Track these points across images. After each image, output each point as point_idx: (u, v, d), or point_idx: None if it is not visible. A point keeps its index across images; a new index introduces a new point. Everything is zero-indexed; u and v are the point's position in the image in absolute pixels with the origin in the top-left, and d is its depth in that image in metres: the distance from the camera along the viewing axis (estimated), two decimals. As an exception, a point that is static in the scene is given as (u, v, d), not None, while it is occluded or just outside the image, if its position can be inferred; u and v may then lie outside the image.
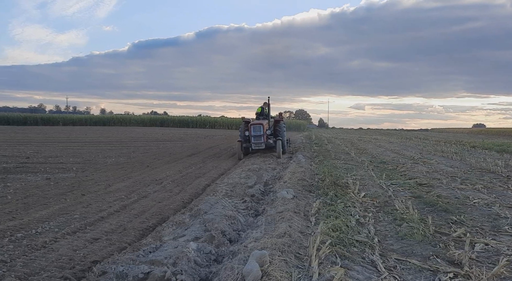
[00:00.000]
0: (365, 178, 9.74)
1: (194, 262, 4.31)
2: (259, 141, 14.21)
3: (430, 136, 39.23)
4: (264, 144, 14.31)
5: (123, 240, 4.99)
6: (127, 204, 6.88)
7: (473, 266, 4.03)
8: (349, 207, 6.57)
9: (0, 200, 6.95)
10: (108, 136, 27.89)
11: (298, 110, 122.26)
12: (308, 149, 17.90)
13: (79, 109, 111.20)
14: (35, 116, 57.63)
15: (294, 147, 19.27)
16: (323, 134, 42.61)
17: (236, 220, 6.13)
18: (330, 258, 4.28)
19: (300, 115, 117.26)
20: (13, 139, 23.19)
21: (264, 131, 14.26)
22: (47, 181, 9.14)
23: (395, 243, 4.94)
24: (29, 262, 4.07)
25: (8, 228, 5.23)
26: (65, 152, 15.70)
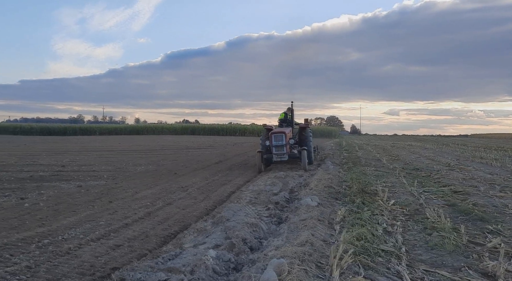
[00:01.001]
0: (395, 185, 9.38)
1: (212, 270, 4.25)
2: (281, 151, 12.56)
3: (469, 142, 37.53)
4: (287, 155, 12.64)
5: (144, 247, 5.01)
6: (152, 211, 6.95)
7: (508, 279, 3.72)
8: (376, 215, 6.32)
9: (33, 207, 7.21)
10: (140, 145, 28.63)
11: (330, 116, 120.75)
12: (338, 156, 17.55)
13: (115, 119, 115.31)
14: (74, 127, 60.24)
15: (323, 154, 18.95)
16: (355, 140, 41.77)
17: (258, 227, 6.02)
18: (352, 268, 4.10)
19: (331, 121, 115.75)
20: (52, 148, 24.25)
21: (286, 140, 12.59)
22: (79, 188, 9.42)
23: (424, 253, 4.67)
24: (52, 268, 4.14)
25: (36, 234, 5.38)
26: (98, 161, 16.20)
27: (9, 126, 62.59)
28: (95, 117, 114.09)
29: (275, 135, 12.56)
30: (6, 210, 6.94)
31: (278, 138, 12.50)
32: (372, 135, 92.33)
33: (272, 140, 12.55)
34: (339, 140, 41.15)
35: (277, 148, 12.53)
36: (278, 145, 12.51)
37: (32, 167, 13.80)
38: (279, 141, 12.49)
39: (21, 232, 5.48)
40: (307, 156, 12.79)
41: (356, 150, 22.00)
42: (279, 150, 12.52)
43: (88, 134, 55.45)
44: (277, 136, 12.53)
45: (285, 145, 12.53)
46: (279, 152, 12.53)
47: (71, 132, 56.71)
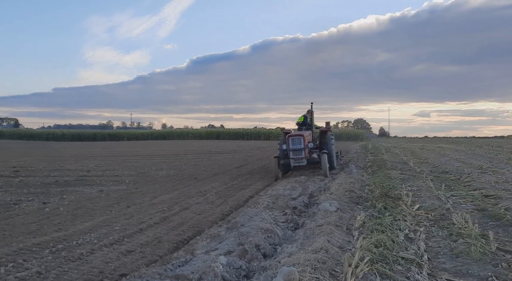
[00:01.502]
0: (421, 189, 8.96)
1: (221, 277, 4.11)
2: (299, 156, 11.58)
3: (505, 144, 35.80)
4: (305, 160, 11.67)
5: (156, 253, 4.93)
6: (167, 216, 6.89)
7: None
8: (398, 220, 6.01)
9: (53, 211, 7.32)
10: (165, 150, 28.99)
11: (357, 119, 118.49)
12: (362, 159, 17.08)
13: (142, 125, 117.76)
14: (103, 132, 61.96)
15: (348, 157, 18.50)
16: (383, 143, 40.75)
17: (273, 233, 5.84)
18: (368, 277, 3.88)
19: (358, 124, 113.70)
20: (80, 154, 24.92)
21: (305, 144, 11.64)
22: (99, 193, 9.54)
23: (448, 262, 4.37)
24: (62, 274, 4.12)
25: (52, 239, 5.42)
26: (122, 166, 16.46)
27: (43, 132, 65.08)
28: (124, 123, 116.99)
29: (293, 138, 11.69)
30: (28, 214, 7.07)
31: (296, 142, 11.63)
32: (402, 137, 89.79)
33: (290, 143, 11.66)
34: (365, 143, 40.22)
35: (295, 152, 11.62)
36: (296, 149, 11.59)
37: (59, 172, 14.16)
38: (297, 144, 11.59)
39: (38, 236, 5.54)
40: (328, 160, 11.79)
41: (382, 153, 21.35)
42: (296, 154, 11.61)
43: (117, 140, 56.83)
44: (295, 139, 11.67)
45: (304, 149, 11.60)
46: (297, 156, 11.62)
47: (100, 138, 58.32)
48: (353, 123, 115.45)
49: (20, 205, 7.90)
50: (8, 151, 27.90)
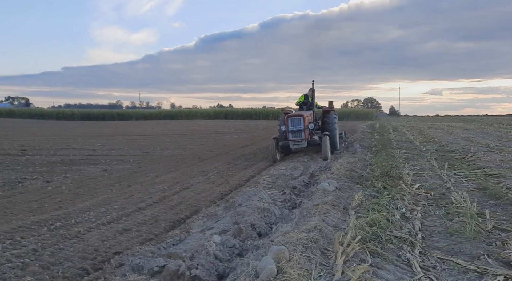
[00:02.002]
0: (424, 168, 8.86)
1: (214, 256, 4.14)
2: (299, 137, 10.89)
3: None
4: (305, 142, 10.97)
5: (152, 231, 4.99)
6: (167, 195, 6.95)
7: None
8: (396, 199, 5.97)
9: (55, 190, 7.42)
10: (172, 129, 29.10)
11: (367, 98, 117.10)
12: (368, 139, 16.91)
13: (151, 104, 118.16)
14: (111, 112, 62.33)
15: (353, 137, 18.34)
16: (392, 122, 40.31)
17: (270, 212, 5.87)
18: (359, 255, 3.87)
19: (368, 103, 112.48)
20: (88, 133, 25.15)
21: (305, 125, 10.94)
22: (103, 172, 9.64)
23: (441, 240, 4.35)
24: (57, 252, 4.20)
25: (51, 217, 5.50)
26: (128, 145, 16.59)
27: (53, 111, 65.75)
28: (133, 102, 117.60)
29: (292, 118, 10.99)
30: (30, 193, 7.19)
31: (295, 122, 10.93)
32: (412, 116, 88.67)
33: (289, 124, 10.98)
34: (373, 122, 39.87)
35: (294, 133, 10.94)
36: (296, 130, 10.91)
37: (65, 151, 14.33)
38: (296, 125, 10.90)
39: (37, 214, 5.63)
40: (329, 142, 11.08)
41: (389, 132, 21.12)
42: (296, 135, 10.92)
43: (125, 119, 57.19)
44: (294, 120, 10.97)
45: (304, 130, 10.90)
46: (297, 138, 10.93)
47: (109, 117, 58.76)
48: (363, 102, 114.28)
49: (24, 184, 8.03)
50: (18, 130, 28.26)
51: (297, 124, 10.92)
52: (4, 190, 7.34)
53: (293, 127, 10.96)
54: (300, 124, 10.90)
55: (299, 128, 10.90)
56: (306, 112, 11.71)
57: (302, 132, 10.92)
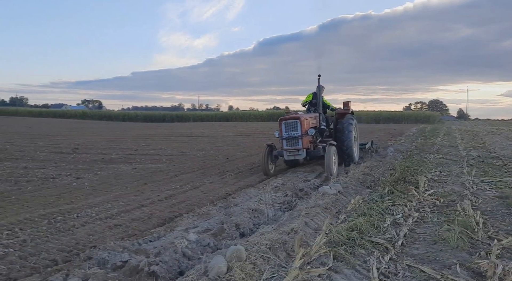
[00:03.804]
0: (452, 174, 8.23)
1: (181, 253, 4.23)
2: (295, 146, 8.83)
3: None
4: (303, 152, 8.82)
5: (139, 228, 5.21)
6: (174, 194, 7.19)
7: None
8: (397, 205, 5.68)
9: (78, 186, 8.02)
10: (219, 131, 29.83)
11: (432, 100, 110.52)
12: (409, 143, 15.99)
13: (210, 107, 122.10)
14: (171, 114, 65.36)
15: (395, 140, 17.41)
16: (452, 126, 37.71)
17: (262, 214, 5.85)
18: (321, 259, 3.78)
19: (434, 106, 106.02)
20: (142, 134, 26.64)
21: (303, 130, 8.81)
22: (132, 170, 10.19)
23: (421, 248, 4.12)
24: (42, 243, 4.55)
25: (58, 211, 5.97)
26: (169, 145, 17.33)
27: (120, 114, 70.61)
28: (193, 105, 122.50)
29: (286, 122, 8.96)
30: (56, 188, 7.84)
31: (291, 127, 8.88)
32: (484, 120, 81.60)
33: (282, 129, 8.99)
34: (425, 126, 37.50)
35: (289, 141, 8.90)
36: (291, 137, 8.84)
37: (111, 150, 15.34)
38: (292, 131, 8.86)
39: (48, 208, 6.14)
40: (341, 153, 9.22)
41: (438, 136, 19.79)
42: (291, 143, 8.90)
43: (183, 121, 59.65)
44: (289, 124, 8.91)
45: (301, 136, 8.75)
46: (292, 147, 8.88)
47: (169, 119, 61.66)
48: (427, 104, 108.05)
49: (56, 179, 8.77)
50: (82, 130, 30.77)
51: (292, 130, 8.90)
52: (35, 185, 8.09)
53: (287, 133, 8.94)
54: (297, 130, 8.84)
55: (295, 135, 8.83)
56: (305, 115, 9.69)
57: (299, 140, 8.80)
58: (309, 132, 9.05)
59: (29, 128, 31.62)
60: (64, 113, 72.62)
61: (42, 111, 75.47)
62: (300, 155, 8.93)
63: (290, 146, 8.93)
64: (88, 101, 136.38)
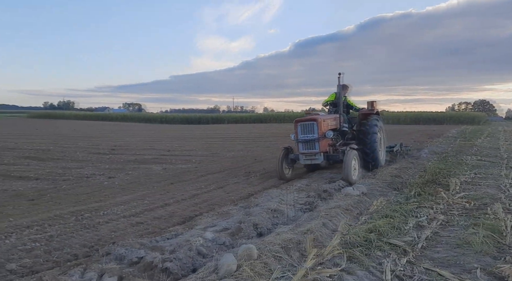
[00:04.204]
0: (487, 177, 7.79)
1: (196, 251, 4.29)
2: (312, 150, 8.31)
3: None
4: (321, 156, 8.28)
5: (159, 226, 5.33)
6: (198, 194, 7.29)
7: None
8: (423, 207, 5.45)
9: (109, 185, 8.33)
10: (252, 132, 29.97)
11: (478, 100, 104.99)
12: (446, 144, 15.28)
13: (245, 109, 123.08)
14: (207, 116, 66.52)
15: (433, 142, 16.70)
16: (499, 127, 35.64)
17: (282, 214, 5.81)
18: (335, 259, 3.72)
19: (480, 106, 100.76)
20: (176, 135, 27.29)
21: (321, 133, 8.22)
22: (162, 170, 10.46)
23: (443, 251, 3.96)
24: (67, 239, 4.75)
25: (87, 208, 6.23)
26: (201, 147, 17.63)
27: (158, 116, 72.80)
28: (229, 107, 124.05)
29: (302, 124, 8.44)
30: (89, 187, 8.19)
31: (307, 129, 8.34)
32: (539, 120, 75.85)
33: (298, 132, 8.50)
34: (467, 126, 35.67)
35: (305, 144, 8.39)
36: (307, 140, 8.33)
37: (145, 151, 15.84)
38: (308, 133, 8.32)
39: (78, 206, 6.42)
40: (357, 159, 8.29)
41: (479, 137, 18.77)
42: (307, 147, 8.37)
43: (218, 123, 60.50)
44: (305, 126, 8.37)
45: (318, 140, 8.19)
46: (308, 150, 8.37)
47: (204, 121, 62.73)
48: (473, 105, 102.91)
49: (90, 179, 9.16)
50: (121, 132, 31.98)
51: (309, 132, 8.34)
52: (69, 184, 8.50)
53: (303, 136, 8.41)
54: (313, 132, 8.26)
55: (312, 137, 8.26)
56: (323, 116, 9.07)
57: (316, 143, 8.25)
58: (327, 134, 8.35)
59: (73, 130, 33.33)
60: (106, 116, 75.85)
61: (87, 114, 79.21)
62: (317, 160, 8.38)
63: (307, 149, 8.42)
64: (129, 104, 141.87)
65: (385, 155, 10.29)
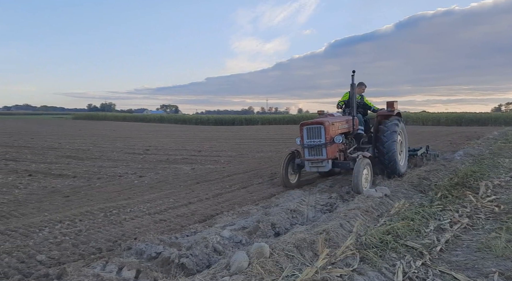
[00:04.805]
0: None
1: (212, 248, 4.43)
2: (318, 156, 7.53)
3: None
4: (328, 163, 7.47)
5: (181, 223, 5.51)
6: (221, 193, 7.45)
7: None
8: (448, 210, 5.28)
9: (139, 184, 8.67)
10: (284, 134, 29.92)
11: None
12: (485, 146, 14.58)
13: (279, 110, 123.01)
14: (240, 117, 67.06)
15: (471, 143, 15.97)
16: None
17: (301, 214, 5.85)
18: (347, 260, 3.73)
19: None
20: (208, 136, 27.78)
21: (328, 137, 7.43)
22: (191, 170, 10.73)
23: (462, 255, 3.88)
24: (94, 233, 5.04)
25: (116, 205, 6.53)
26: (231, 148, 17.86)
27: (193, 117, 74.27)
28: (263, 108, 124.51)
29: (308, 127, 7.70)
30: (120, 185, 8.57)
31: (313, 134, 7.58)
32: None
33: (304, 136, 7.75)
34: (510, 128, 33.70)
35: (311, 150, 7.62)
36: (313, 145, 7.55)
37: (177, 151, 16.26)
38: (315, 138, 7.54)
39: (107, 202, 6.75)
40: (369, 167, 7.39)
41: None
42: (314, 153, 7.60)
43: (252, 124, 60.89)
44: (311, 130, 7.62)
45: (325, 145, 7.40)
46: (314, 157, 7.58)
47: (238, 122, 63.35)
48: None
49: (122, 177, 9.56)
50: (157, 133, 32.95)
51: (315, 136, 7.55)
52: (103, 182, 8.92)
53: (309, 140, 7.63)
54: (320, 136, 7.46)
55: (318, 142, 7.48)
56: (333, 118, 8.20)
57: (323, 149, 7.46)
58: (336, 139, 7.50)
59: (112, 131, 34.73)
60: (144, 117, 78.36)
61: (126, 116, 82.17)
62: (324, 167, 7.53)
63: (313, 156, 7.61)
64: (166, 106, 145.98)
65: (407, 161, 9.37)
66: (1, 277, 3.65)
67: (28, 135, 25.65)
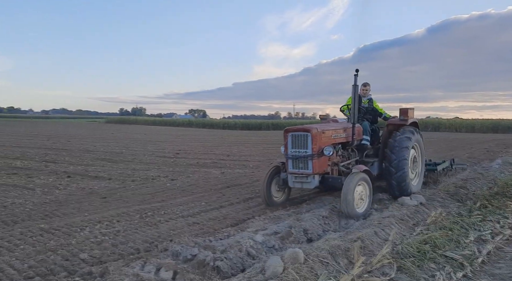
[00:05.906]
0: None
1: (246, 252, 4.47)
2: (303, 170, 6.36)
3: None
4: (314, 179, 6.34)
5: (214, 226, 5.59)
6: (251, 198, 7.51)
7: None
8: (488, 221, 5.12)
9: (171, 186, 8.86)
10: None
11: None
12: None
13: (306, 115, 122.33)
14: (267, 122, 67.34)
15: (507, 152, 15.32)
16: None
17: (334, 221, 5.81)
18: (384, 269, 3.69)
19: None
20: (236, 141, 28.00)
21: (316, 148, 6.23)
22: (220, 174, 10.87)
23: (505, 267, 3.81)
24: (131, 234, 5.20)
25: (150, 207, 6.72)
26: (258, 152, 17.94)
27: (220, 122, 75.23)
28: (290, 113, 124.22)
29: (293, 134, 6.50)
30: (153, 187, 8.79)
31: (298, 142, 6.40)
32: None
33: (288, 144, 6.57)
34: None
35: (295, 162, 6.45)
36: (297, 156, 6.38)
37: (206, 155, 16.50)
38: (300, 148, 6.36)
39: (142, 204, 6.94)
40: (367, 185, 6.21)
41: None
42: (297, 166, 6.44)
43: (279, 129, 60.85)
44: (296, 138, 6.44)
45: (310, 157, 6.24)
46: (298, 171, 6.42)
47: (265, 127, 63.55)
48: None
49: (155, 180, 9.80)
50: (186, 137, 33.55)
51: (301, 146, 6.37)
52: (137, 184, 9.18)
53: (294, 150, 6.44)
54: (306, 146, 6.29)
55: (304, 153, 6.31)
56: (324, 125, 6.87)
57: (309, 161, 6.27)
58: (325, 150, 6.23)
59: (144, 135, 35.62)
60: (173, 121, 79.92)
61: (156, 120, 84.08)
62: (310, 183, 6.39)
63: (297, 169, 6.44)
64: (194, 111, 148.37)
65: (423, 177, 7.94)
66: (48, 274, 3.84)
67: (65, 138, 26.73)
